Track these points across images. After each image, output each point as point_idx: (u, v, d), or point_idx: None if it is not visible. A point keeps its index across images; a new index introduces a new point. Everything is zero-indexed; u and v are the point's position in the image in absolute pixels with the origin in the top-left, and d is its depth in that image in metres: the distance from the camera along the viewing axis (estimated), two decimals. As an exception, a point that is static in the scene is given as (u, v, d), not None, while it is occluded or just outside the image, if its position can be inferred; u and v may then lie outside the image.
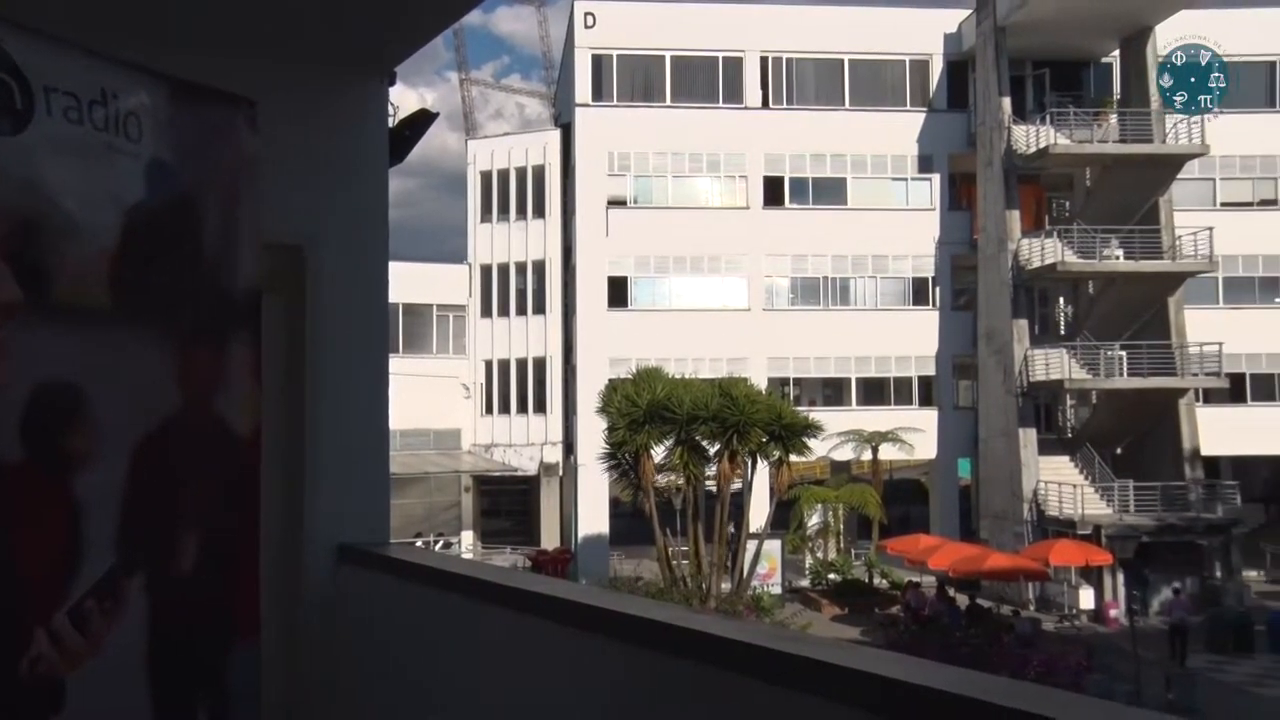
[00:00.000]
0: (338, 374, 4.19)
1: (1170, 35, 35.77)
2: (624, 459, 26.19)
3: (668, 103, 37.80)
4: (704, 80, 38.06)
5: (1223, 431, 35.01)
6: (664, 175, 37.87)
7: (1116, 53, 36.89)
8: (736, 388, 25.71)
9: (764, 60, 38.01)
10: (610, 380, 29.80)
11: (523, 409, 39.83)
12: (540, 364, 39.59)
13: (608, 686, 2.59)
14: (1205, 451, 33.99)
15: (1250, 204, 38.08)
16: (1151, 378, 32.85)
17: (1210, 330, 33.65)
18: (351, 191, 4.33)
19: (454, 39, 72.66)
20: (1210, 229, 33.47)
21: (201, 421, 2.60)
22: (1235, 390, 35.69)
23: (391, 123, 4.72)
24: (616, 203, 37.58)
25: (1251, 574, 34.14)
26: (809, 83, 38.35)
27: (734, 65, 37.98)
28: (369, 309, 4.35)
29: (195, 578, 2.58)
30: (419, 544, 31.31)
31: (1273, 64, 38.36)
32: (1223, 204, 37.45)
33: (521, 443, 39.61)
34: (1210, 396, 34.96)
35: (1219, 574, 31.24)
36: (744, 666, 2.15)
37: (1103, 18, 34.66)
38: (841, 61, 38.13)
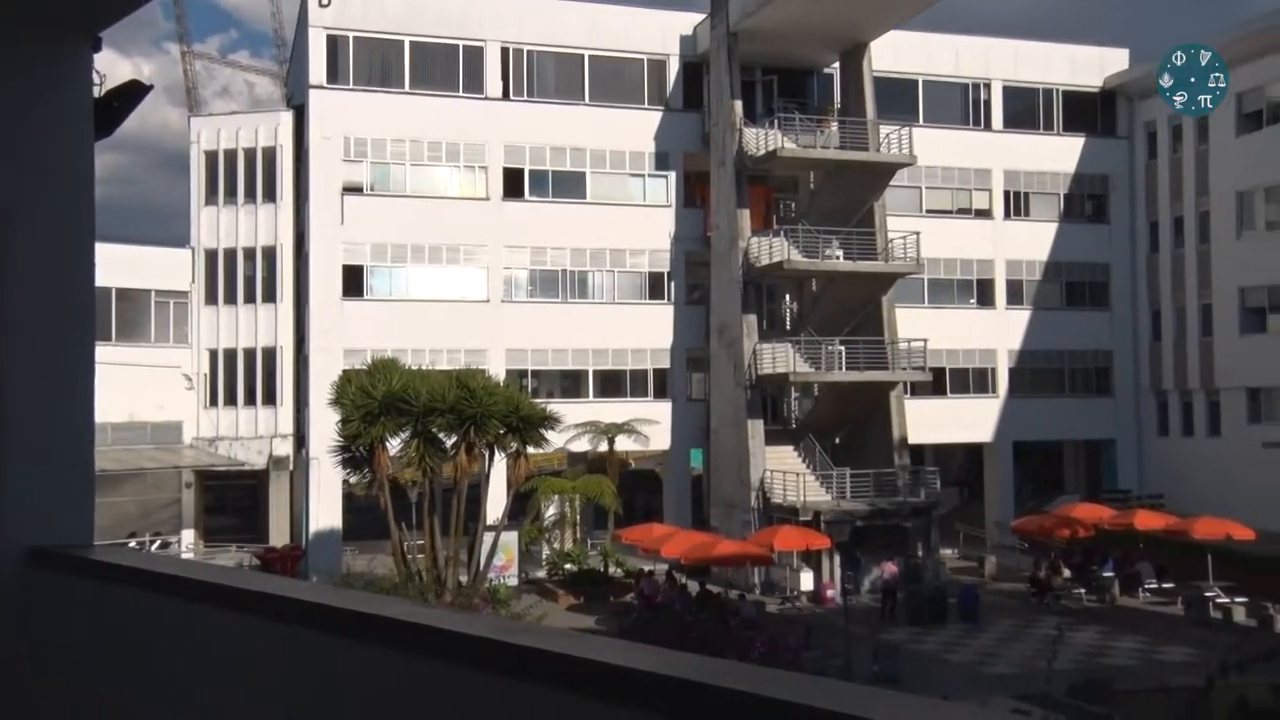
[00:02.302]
0: (32, 361, 3.84)
1: (883, 53, 38.48)
2: (358, 452, 25.55)
3: (407, 89, 37.03)
4: (444, 68, 37.54)
5: (926, 421, 38.04)
6: (402, 163, 37.09)
7: (837, 64, 39.21)
8: (474, 379, 25.54)
9: (505, 51, 37.90)
10: (344, 371, 28.91)
11: (251, 401, 38.01)
12: (270, 354, 37.91)
13: (336, 685, 2.50)
14: (912, 440, 36.81)
15: (950, 212, 41.47)
16: (867, 371, 35.19)
17: (917, 328, 36.48)
18: (51, 164, 3.97)
19: (174, 7, 68.37)
20: (917, 233, 36.25)
21: None
22: (937, 383, 38.87)
23: (98, 92, 4.37)
24: (353, 189, 36.48)
25: (947, 552, 37.31)
26: (549, 76, 38.57)
27: (475, 55, 37.67)
28: (71, 291, 4.01)
29: None
30: (132, 544, 29.36)
31: (967, 85, 41.90)
32: (928, 211, 40.59)
33: (249, 436, 37.79)
34: (916, 389, 37.84)
35: (920, 553, 33.84)
36: (476, 660, 2.12)
37: (824, 32, 36.75)
38: (582, 57, 38.58)
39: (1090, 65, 43.10)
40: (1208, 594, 29.70)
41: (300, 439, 36.99)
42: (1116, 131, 43.47)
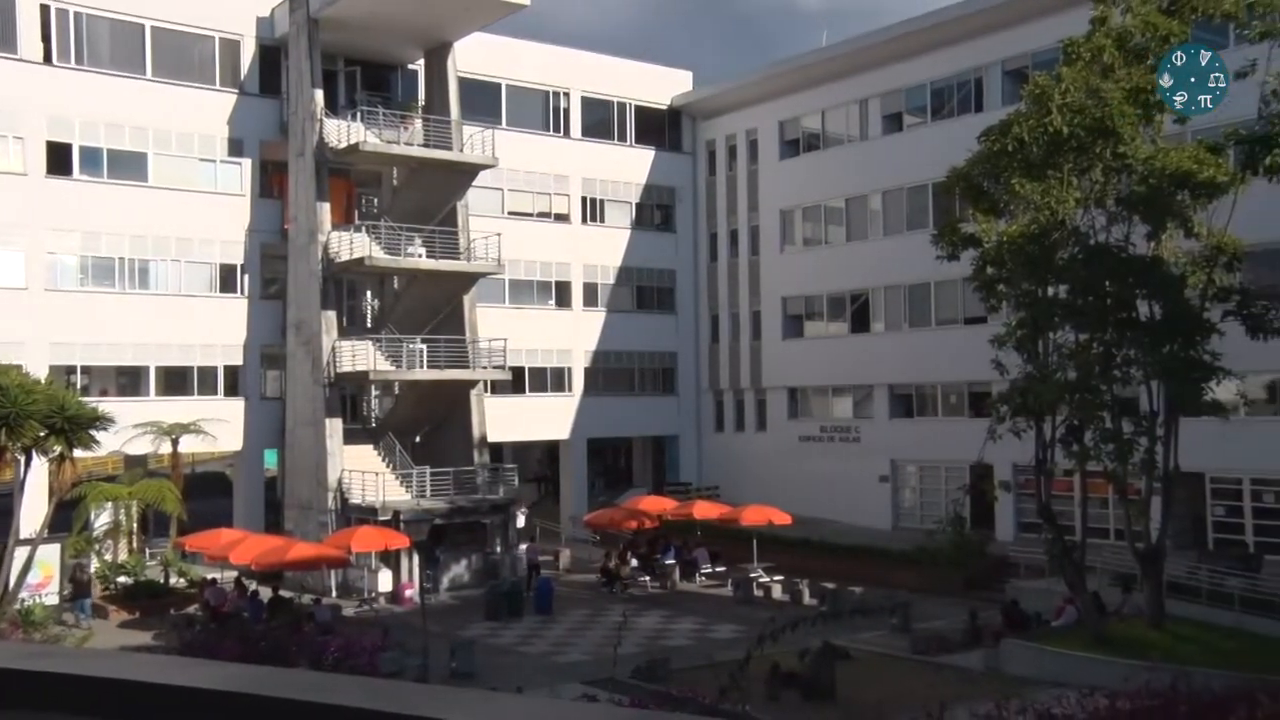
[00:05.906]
0: None
1: (468, 54, 38.86)
2: None
3: (-77, 40, 32.21)
4: (-27, 21, 33.03)
5: (505, 419, 38.92)
6: (-83, 125, 32.22)
7: (422, 62, 39.06)
8: (8, 375, 22.83)
9: (45, 9, 33.95)
10: None
11: None
12: None
13: None
14: (492, 438, 37.50)
15: (531, 215, 42.73)
16: (447, 370, 35.37)
17: (497, 327, 37.23)
18: None
19: None
20: (499, 235, 36.99)
21: None
22: (516, 382, 39.91)
23: None
24: None
25: (524, 547, 38.29)
26: (103, 43, 35.12)
27: (3, 7, 33.39)
28: None
29: None
30: None
31: (548, 93, 43.41)
32: (510, 213, 41.56)
33: None
34: (496, 388, 38.60)
35: (499, 549, 34.56)
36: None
37: (408, 27, 36.49)
38: (143, 26, 35.51)
39: (659, 84, 46.16)
40: (752, 575, 32.78)
41: None
42: (682, 147, 46.88)
